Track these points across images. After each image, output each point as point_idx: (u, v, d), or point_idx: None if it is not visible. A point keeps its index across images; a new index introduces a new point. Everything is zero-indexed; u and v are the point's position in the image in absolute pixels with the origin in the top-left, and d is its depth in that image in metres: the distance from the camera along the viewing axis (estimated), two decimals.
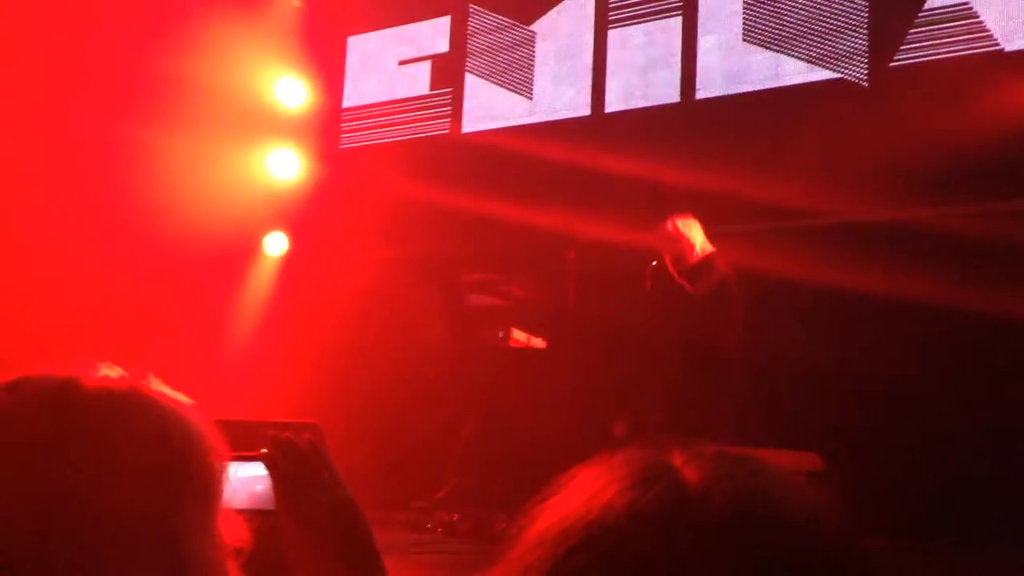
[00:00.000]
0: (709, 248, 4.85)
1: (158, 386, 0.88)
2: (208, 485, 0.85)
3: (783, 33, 5.83)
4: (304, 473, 1.07)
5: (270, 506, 1.07)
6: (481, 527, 4.93)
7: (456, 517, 5.05)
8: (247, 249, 7.23)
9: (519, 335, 5.11)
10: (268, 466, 1.07)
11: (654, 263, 4.87)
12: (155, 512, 0.80)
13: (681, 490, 0.58)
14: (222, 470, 0.87)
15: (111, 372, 0.87)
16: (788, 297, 5.20)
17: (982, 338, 4.81)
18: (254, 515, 1.08)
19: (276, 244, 7.37)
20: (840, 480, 4.46)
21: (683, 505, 0.57)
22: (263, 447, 1.11)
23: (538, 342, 5.17)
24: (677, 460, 0.60)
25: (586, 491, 0.59)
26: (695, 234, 4.88)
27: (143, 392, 0.86)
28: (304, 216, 7.30)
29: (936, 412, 4.90)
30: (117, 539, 0.78)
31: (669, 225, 4.90)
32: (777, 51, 5.84)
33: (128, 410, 0.83)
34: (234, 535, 0.88)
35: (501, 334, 5.13)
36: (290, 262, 7.36)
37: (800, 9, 5.80)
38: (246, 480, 1.09)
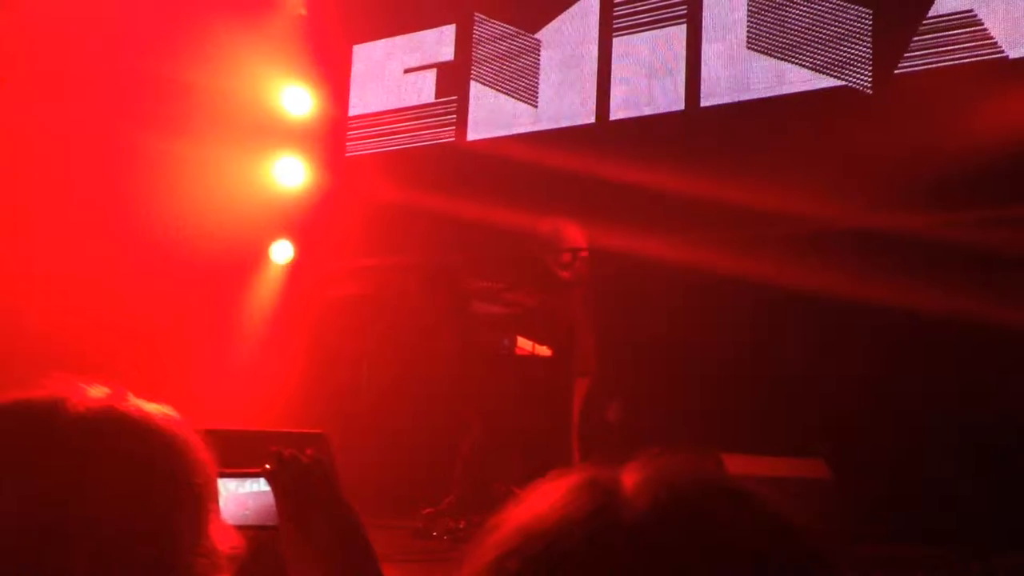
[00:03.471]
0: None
1: (141, 404, 0.89)
2: (195, 502, 0.86)
3: (787, 41, 5.84)
4: (306, 489, 1.08)
5: (273, 521, 1.08)
6: None
7: (462, 524, 5.06)
8: (253, 257, 7.25)
9: (524, 343, 5.11)
10: (271, 482, 1.09)
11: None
12: (141, 532, 0.81)
13: (610, 495, 0.59)
14: (210, 485, 0.88)
15: (94, 392, 0.88)
16: (794, 304, 5.20)
17: (990, 345, 4.80)
18: (258, 530, 1.10)
19: (282, 252, 7.39)
20: (846, 487, 4.46)
21: (608, 508, 0.58)
22: (268, 459, 1.12)
23: (543, 350, 5.17)
24: (626, 471, 0.61)
25: (532, 502, 0.62)
26: (572, 238, 5.28)
27: (125, 413, 0.87)
28: (310, 224, 7.32)
29: (943, 419, 4.89)
30: (104, 561, 0.79)
31: (554, 227, 5.25)
32: (781, 59, 5.85)
33: (109, 433, 0.84)
34: (228, 548, 0.89)
35: (506, 342, 5.13)
36: (296, 270, 7.37)
37: (804, 17, 5.80)
38: (249, 496, 1.10)
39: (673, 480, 0.60)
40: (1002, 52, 5.18)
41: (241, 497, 1.09)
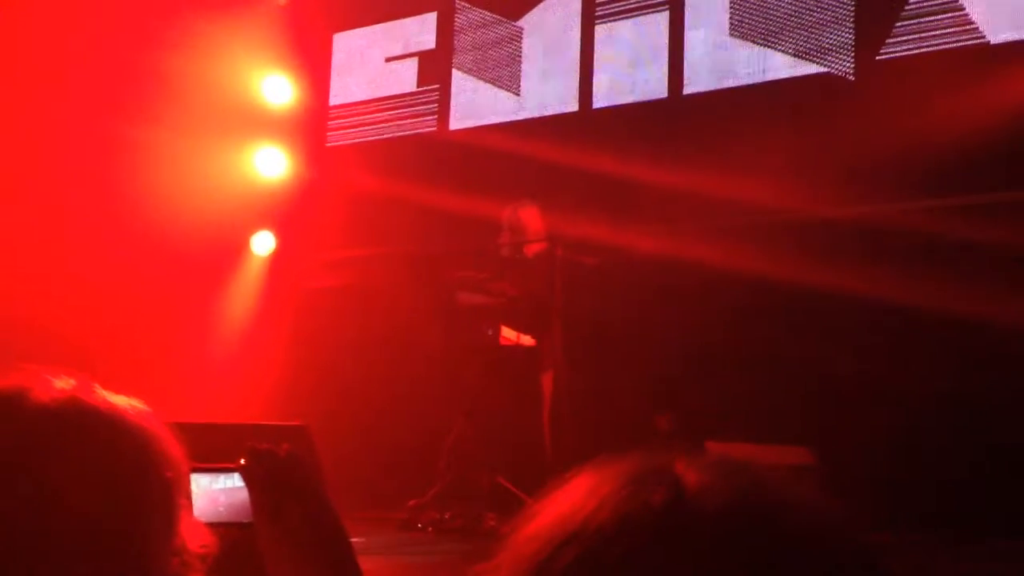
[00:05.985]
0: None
1: (108, 396, 0.86)
2: (165, 498, 0.83)
3: (770, 27, 5.83)
4: (282, 484, 1.05)
5: (247, 518, 1.06)
6: (471, 525, 4.93)
7: (447, 515, 5.04)
8: (234, 248, 7.20)
9: (508, 333, 5.09)
10: (245, 478, 1.05)
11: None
12: (107, 530, 0.79)
13: (676, 492, 0.57)
14: (181, 481, 0.85)
15: (58, 383, 0.85)
16: (776, 292, 5.20)
17: (974, 334, 4.81)
18: (232, 527, 1.07)
19: (263, 243, 7.34)
20: (830, 474, 4.47)
21: (675, 507, 0.56)
22: (243, 454, 1.09)
23: (527, 340, 5.16)
24: (678, 465, 0.60)
25: (582, 490, 0.59)
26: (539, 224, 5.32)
27: (90, 404, 0.84)
28: (291, 214, 7.27)
29: (925, 406, 4.91)
30: (68, 560, 0.77)
31: (513, 212, 5.31)
32: (764, 45, 5.84)
33: (73, 425, 0.81)
34: (199, 547, 0.86)
35: (490, 332, 5.11)
36: (277, 261, 7.32)
37: (787, 3, 5.79)
38: (223, 492, 1.07)
39: (739, 484, 0.58)
40: (983, 37, 5.19)
41: (214, 493, 1.07)
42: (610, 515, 0.56)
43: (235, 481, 1.07)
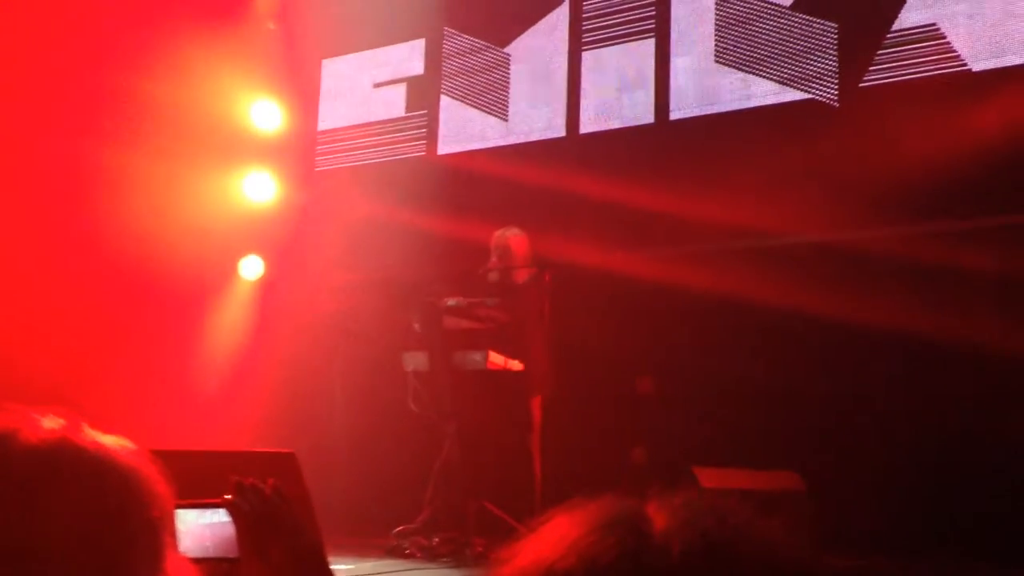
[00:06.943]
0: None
1: (96, 436, 0.87)
2: (150, 537, 0.84)
3: (754, 55, 5.89)
4: (268, 519, 1.06)
5: (234, 553, 1.06)
6: (459, 551, 4.91)
7: (435, 541, 5.03)
8: (223, 273, 7.19)
9: (496, 358, 5.10)
10: (232, 513, 1.06)
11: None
12: (93, 568, 0.79)
13: (642, 537, 0.58)
14: (166, 520, 0.86)
15: (47, 423, 0.86)
16: (764, 317, 5.22)
17: (958, 360, 4.83)
18: (219, 562, 1.08)
19: (252, 268, 7.33)
20: (820, 499, 4.49)
21: (640, 552, 0.57)
22: (229, 489, 1.10)
23: (515, 365, 5.16)
24: (650, 507, 0.61)
25: (554, 534, 0.60)
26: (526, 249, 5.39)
27: (79, 445, 0.84)
28: (280, 239, 7.27)
29: (916, 430, 4.93)
30: None
31: (500, 239, 5.36)
32: (748, 72, 5.89)
33: (62, 466, 0.82)
34: None
35: (478, 357, 5.13)
36: (266, 286, 7.32)
37: (771, 31, 5.86)
38: (208, 527, 1.08)
39: (704, 525, 0.59)
40: (965, 65, 5.25)
41: (201, 528, 1.07)
42: (577, 561, 0.57)
43: (221, 516, 1.07)
